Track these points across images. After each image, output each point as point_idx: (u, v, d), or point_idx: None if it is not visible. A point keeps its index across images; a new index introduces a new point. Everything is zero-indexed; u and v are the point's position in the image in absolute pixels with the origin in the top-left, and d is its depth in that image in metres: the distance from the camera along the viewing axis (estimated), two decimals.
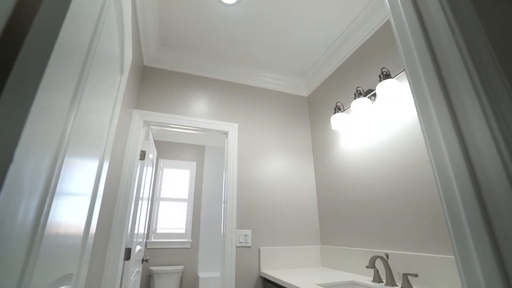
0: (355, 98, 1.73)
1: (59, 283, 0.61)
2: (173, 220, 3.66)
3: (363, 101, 1.66)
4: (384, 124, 1.63)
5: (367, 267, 1.38)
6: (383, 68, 1.56)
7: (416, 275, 1.24)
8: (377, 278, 1.44)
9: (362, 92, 1.79)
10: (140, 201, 2.08)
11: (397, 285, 1.33)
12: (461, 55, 0.52)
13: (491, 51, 0.51)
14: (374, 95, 1.72)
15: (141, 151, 2.05)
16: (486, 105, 0.47)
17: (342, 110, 2.01)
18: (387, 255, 1.41)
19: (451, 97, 0.53)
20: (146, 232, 2.93)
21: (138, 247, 2.16)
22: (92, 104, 0.71)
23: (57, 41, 0.43)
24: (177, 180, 3.84)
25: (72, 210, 0.64)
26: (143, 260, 2.42)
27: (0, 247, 0.33)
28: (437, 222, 1.25)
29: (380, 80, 1.51)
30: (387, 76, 1.50)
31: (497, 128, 0.45)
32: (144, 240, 2.77)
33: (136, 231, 2.00)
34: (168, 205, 3.70)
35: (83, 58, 0.61)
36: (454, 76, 0.54)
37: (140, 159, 2.02)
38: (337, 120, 1.91)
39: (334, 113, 1.96)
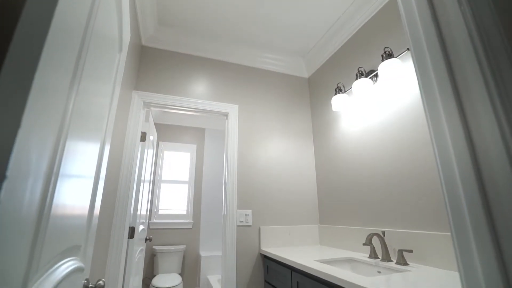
0: (356, 79, 1.71)
1: (68, 253, 0.63)
2: (174, 202, 3.72)
3: (364, 81, 1.65)
4: (384, 104, 1.62)
5: (364, 244, 1.43)
6: (386, 47, 1.54)
7: (410, 251, 1.29)
8: (373, 255, 1.49)
9: (364, 72, 1.77)
10: (141, 183, 2.11)
11: (392, 261, 1.38)
12: (468, 29, 0.50)
13: (499, 26, 0.49)
14: (376, 75, 1.70)
15: (142, 132, 2.05)
16: (493, 88, 0.45)
17: (343, 91, 1.99)
18: (383, 233, 1.45)
19: (456, 76, 0.51)
20: (148, 213, 3.00)
21: (141, 227, 2.21)
22: (91, 84, 0.70)
23: (53, 19, 0.41)
24: (177, 163, 3.87)
25: (76, 192, 0.65)
26: (146, 239, 2.49)
27: (10, 222, 0.34)
28: (432, 201, 1.28)
29: (383, 60, 1.49)
30: (390, 55, 1.48)
31: (502, 111, 0.43)
32: (147, 221, 2.84)
33: (138, 212, 2.05)
34: (169, 187, 3.75)
35: (81, 37, 0.60)
36: (460, 52, 0.51)
37: (140, 141, 2.02)
38: (337, 101, 1.90)
39: (335, 94, 1.95)
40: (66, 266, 0.61)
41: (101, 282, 0.86)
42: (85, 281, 0.84)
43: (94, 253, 1.32)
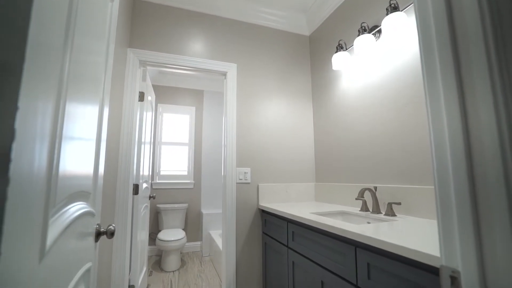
0: (359, 35, 1.65)
1: (80, 197, 0.68)
2: (175, 163, 3.83)
3: (366, 38, 1.59)
4: (385, 62, 1.59)
5: (356, 198, 1.51)
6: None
7: (399, 203, 1.38)
8: (364, 208, 1.59)
9: (367, 28, 1.70)
10: (142, 145, 2.15)
11: (381, 213, 1.48)
12: None
13: None
14: (379, 31, 1.64)
15: (140, 92, 2.03)
16: (494, 63, 0.44)
17: (344, 48, 1.93)
18: (375, 188, 1.53)
19: (458, 39, 0.49)
20: (150, 174, 3.10)
21: (144, 185, 2.31)
22: (85, 41, 0.68)
23: None
24: (177, 125, 3.89)
25: (80, 152, 0.66)
26: (150, 197, 2.62)
27: (26, 174, 0.36)
28: (422, 159, 1.33)
29: (387, 14, 1.43)
30: (395, 8, 1.41)
31: (501, 91, 0.43)
32: (150, 181, 2.95)
33: (141, 173, 2.12)
34: (169, 149, 3.82)
35: None
36: (464, 12, 0.49)
37: (139, 100, 2.02)
38: (338, 60, 1.85)
39: (336, 52, 1.89)
40: (79, 207, 0.66)
41: (111, 227, 0.94)
42: (97, 226, 0.92)
43: (102, 208, 1.40)
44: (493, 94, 0.44)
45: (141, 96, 2.05)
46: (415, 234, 0.98)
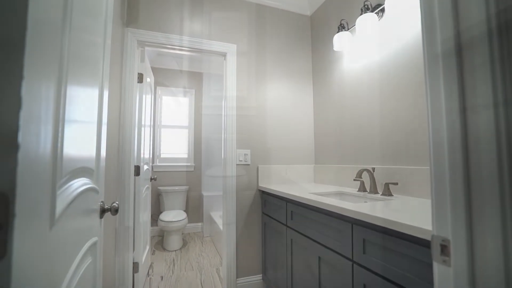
0: (361, 14, 1.62)
1: (84, 173, 0.70)
2: (175, 146, 3.85)
3: (369, 16, 1.56)
4: (387, 42, 1.57)
5: (354, 179, 1.54)
6: None
7: (396, 184, 1.40)
8: (362, 188, 1.62)
9: (369, 7, 1.66)
10: (142, 128, 2.15)
11: (378, 193, 1.51)
12: None
13: None
14: (382, 10, 1.60)
15: (139, 73, 2.01)
16: (495, 55, 0.44)
17: (346, 28, 1.89)
18: (373, 169, 1.56)
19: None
20: (151, 157, 3.13)
21: (145, 167, 2.34)
22: (83, 20, 0.66)
23: None
24: (176, 108, 3.87)
25: (82, 136, 0.67)
26: (151, 179, 2.66)
27: (32, 164, 0.37)
28: (419, 141, 1.34)
29: None
30: None
31: (500, 84, 0.43)
32: (150, 163, 2.98)
33: (142, 155, 2.14)
34: (169, 132, 3.83)
35: None
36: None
37: (138, 82, 2.00)
38: (339, 40, 1.82)
39: (338, 32, 1.86)
40: (83, 182, 0.68)
41: (115, 204, 0.96)
42: (101, 203, 0.94)
43: (105, 187, 1.42)
44: (492, 88, 0.45)
45: (140, 78, 2.03)
46: (409, 211, 1.01)
